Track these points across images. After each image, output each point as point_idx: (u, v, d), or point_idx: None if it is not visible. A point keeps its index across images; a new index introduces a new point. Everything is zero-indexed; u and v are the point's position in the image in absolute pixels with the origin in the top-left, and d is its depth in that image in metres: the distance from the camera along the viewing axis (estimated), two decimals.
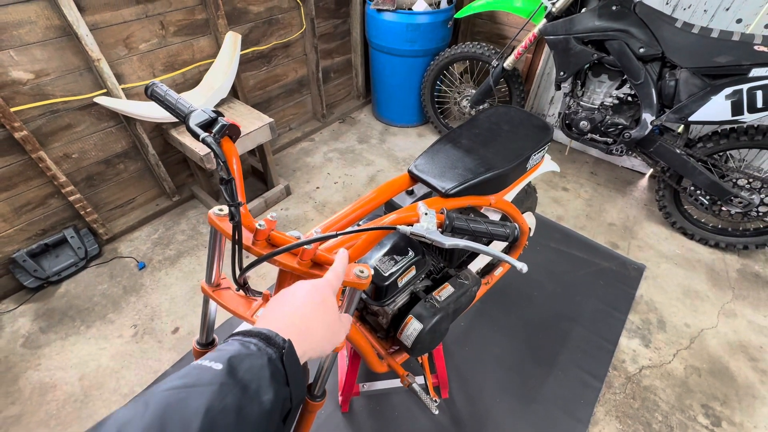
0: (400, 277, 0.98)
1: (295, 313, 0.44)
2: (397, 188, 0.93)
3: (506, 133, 1.08)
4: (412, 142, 2.99)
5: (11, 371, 1.63)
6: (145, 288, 1.96)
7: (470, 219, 0.61)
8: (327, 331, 0.46)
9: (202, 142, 0.58)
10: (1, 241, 1.82)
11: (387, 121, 3.16)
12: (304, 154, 2.84)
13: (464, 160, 0.96)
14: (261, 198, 2.34)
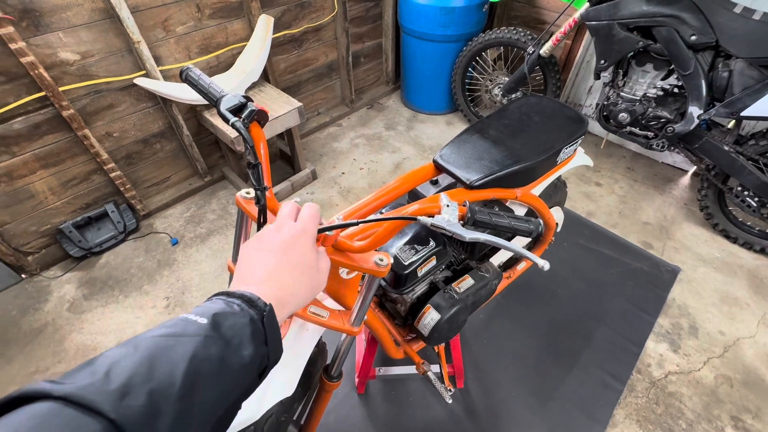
0: (420, 266, 0.98)
1: (272, 274, 0.44)
2: (421, 178, 0.92)
3: (537, 125, 1.04)
4: (440, 130, 2.94)
5: (58, 333, 1.77)
6: (177, 263, 2.06)
7: (493, 213, 0.60)
8: (306, 284, 0.47)
9: (232, 127, 0.60)
10: (50, 212, 1.95)
11: (415, 108, 3.12)
12: (332, 139, 2.86)
13: (491, 152, 0.94)
14: (288, 181, 2.38)
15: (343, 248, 0.64)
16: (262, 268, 0.45)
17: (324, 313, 0.76)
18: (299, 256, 0.47)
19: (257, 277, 0.44)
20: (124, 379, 0.28)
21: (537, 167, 0.96)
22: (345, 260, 0.64)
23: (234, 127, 0.60)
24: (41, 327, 1.79)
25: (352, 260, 0.65)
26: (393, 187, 0.87)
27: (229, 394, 0.33)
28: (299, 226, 0.50)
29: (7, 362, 1.68)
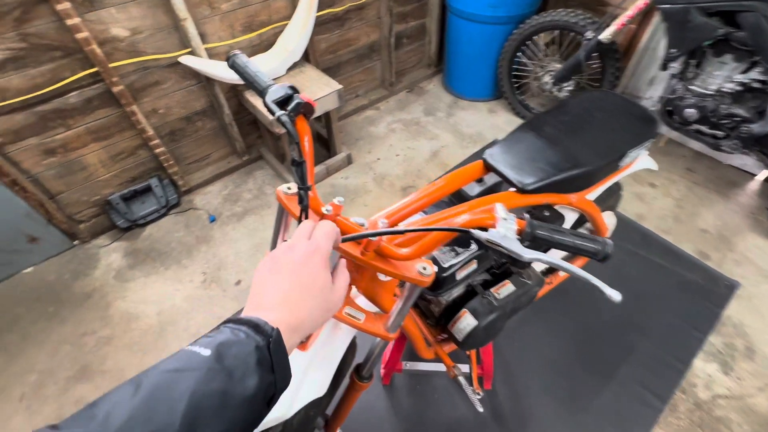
0: (459, 270, 0.94)
1: (284, 297, 0.43)
2: (468, 177, 0.86)
3: (600, 124, 0.94)
4: (482, 118, 2.81)
5: (105, 299, 1.89)
6: (214, 240, 2.12)
7: (555, 229, 0.54)
8: (320, 306, 0.45)
9: (277, 121, 0.57)
10: (100, 184, 2.05)
11: (457, 94, 2.99)
12: (369, 123, 2.81)
13: (547, 153, 0.86)
14: (323, 165, 2.37)
15: (385, 254, 0.61)
16: (273, 291, 0.43)
17: (359, 315, 0.73)
18: (311, 276, 0.45)
19: (268, 302, 0.42)
20: (123, 423, 0.28)
21: (598, 172, 0.87)
22: (387, 267, 0.61)
23: (279, 121, 0.57)
24: (90, 292, 1.91)
25: (395, 267, 0.61)
26: (438, 187, 0.82)
27: (233, 428, 0.32)
28: (311, 245, 0.48)
29: (61, 322, 1.81)
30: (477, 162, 0.89)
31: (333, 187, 2.35)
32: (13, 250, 1.91)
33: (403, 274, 0.61)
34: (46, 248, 2.00)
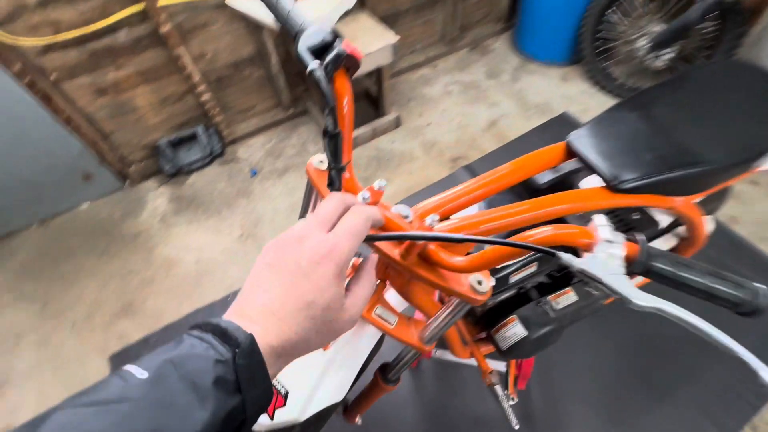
0: (515, 272, 0.79)
1: (274, 307, 0.32)
2: (546, 162, 0.69)
3: (735, 108, 0.71)
4: (552, 85, 2.47)
5: (150, 242, 1.95)
6: (253, 194, 2.09)
7: (681, 263, 0.37)
8: (318, 328, 0.33)
9: (309, 76, 0.43)
10: (149, 127, 2.06)
11: (527, 55, 2.63)
12: (423, 82, 2.57)
13: (655, 142, 0.65)
14: (369, 125, 2.22)
15: (432, 260, 0.48)
16: (263, 296, 0.32)
17: (391, 318, 0.62)
18: (315, 289, 0.33)
19: (254, 309, 0.32)
20: None
21: (723, 172, 0.66)
22: (432, 276, 0.48)
23: (312, 76, 0.43)
24: (137, 233, 1.98)
25: (442, 278, 0.48)
26: (507, 172, 0.65)
27: None
28: (327, 244, 0.34)
29: (110, 259, 1.90)
30: (558, 145, 0.71)
31: (378, 151, 2.21)
32: (70, 186, 2.00)
33: (453, 288, 0.48)
34: (99, 187, 2.08)
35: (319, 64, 0.43)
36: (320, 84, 0.42)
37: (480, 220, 0.59)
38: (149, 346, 1.61)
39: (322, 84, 0.42)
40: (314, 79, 0.43)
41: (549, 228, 0.42)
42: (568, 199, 0.63)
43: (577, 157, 0.68)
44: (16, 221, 1.99)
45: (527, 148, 0.71)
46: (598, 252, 0.38)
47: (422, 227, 0.48)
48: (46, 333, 1.69)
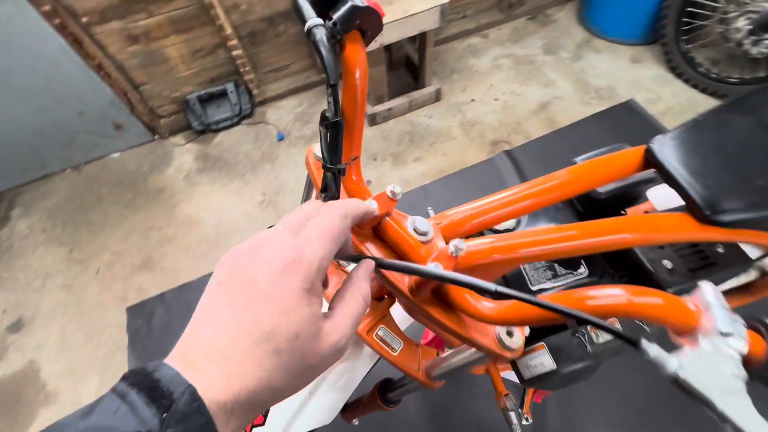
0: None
1: (222, 344, 0.23)
2: (616, 172, 0.53)
3: None
4: (620, 67, 2.16)
5: (173, 198, 1.94)
6: (279, 160, 2.02)
7: None
8: (288, 368, 0.24)
9: (307, 36, 0.31)
10: (179, 80, 1.99)
11: (594, 29, 2.31)
12: (471, 53, 2.33)
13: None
14: (406, 97, 2.05)
15: (452, 301, 0.36)
16: (209, 328, 0.24)
17: (396, 343, 0.52)
18: (276, 315, 0.23)
19: (198, 347, 0.23)
20: None
21: None
22: (446, 320, 0.37)
23: (311, 37, 0.30)
24: (161, 188, 1.97)
25: (460, 324, 0.37)
26: (564, 181, 0.51)
27: None
28: (290, 250, 0.25)
29: (135, 211, 1.91)
30: (633, 151, 0.55)
31: (412, 126, 2.05)
32: (101, 133, 2.00)
33: (474, 338, 0.37)
34: (129, 137, 2.07)
35: (322, 21, 0.31)
36: (320, 50, 0.30)
37: (518, 243, 0.46)
38: (165, 302, 1.62)
39: (322, 51, 0.30)
40: (313, 42, 0.30)
41: (623, 293, 0.29)
42: (637, 226, 0.48)
43: (658, 170, 0.52)
44: (52, 164, 2.03)
45: (580, 137, 0.56)
46: (704, 346, 0.25)
47: (443, 255, 0.36)
48: (71, 277, 1.75)
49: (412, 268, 0.32)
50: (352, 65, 0.35)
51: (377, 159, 1.95)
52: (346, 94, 0.35)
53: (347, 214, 0.29)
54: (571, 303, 0.30)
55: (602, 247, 0.48)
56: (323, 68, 0.30)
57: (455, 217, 0.49)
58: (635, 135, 1.86)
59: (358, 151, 0.38)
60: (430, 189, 1.79)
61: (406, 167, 1.91)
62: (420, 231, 0.40)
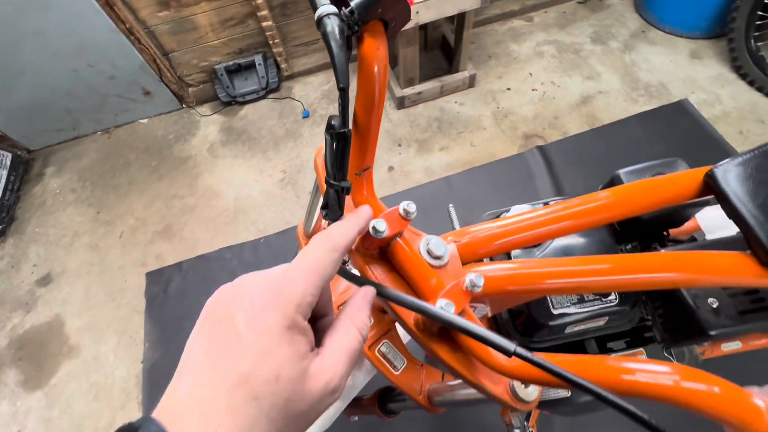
0: (575, 323, 0.60)
1: (206, 383, 0.21)
2: (672, 196, 0.46)
3: None
4: (676, 62, 1.97)
5: (196, 168, 1.95)
6: (302, 138, 1.98)
7: None
8: (274, 409, 0.21)
9: (317, 26, 0.26)
10: (208, 49, 1.97)
11: (652, 18, 2.11)
12: (512, 37, 2.18)
13: None
14: (438, 81, 1.95)
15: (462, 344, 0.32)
16: (188, 376, 0.22)
17: (398, 361, 0.49)
18: (252, 356, 0.21)
19: (178, 398, 0.21)
20: None
21: None
22: (454, 363, 0.33)
23: (320, 30, 0.26)
24: (185, 158, 1.98)
25: (470, 368, 0.33)
26: (604, 204, 0.44)
27: None
28: (268, 285, 0.23)
29: (159, 178, 1.94)
30: (690, 174, 0.47)
31: (441, 112, 1.96)
32: (131, 98, 2.01)
33: (484, 385, 0.33)
34: (157, 104, 2.08)
35: (335, 10, 0.26)
36: (329, 45, 0.25)
37: (544, 273, 0.41)
38: (182, 271, 1.66)
39: (332, 46, 0.25)
40: (323, 34, 0.26)
41: (671, 373, 0.24)
42: (687, 265, 0.41)
43: (720, 201, 0.45)
44: (84, 126, 2.07)
45: (622, 138, 0.49)
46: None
47: (456, 291, 0.31)
48: (97, 237, 1.81)
49: (416, 304, 0.28)
50: (369, 61, 0.29)
51: (402, 145, 1.88)
52: (361, 95, 0.30)
53: (336, 247, 0.26)
54: (604, 374, 0.25)
55: (643, 286, 0.42)
56: (333, 67, 0.25)
57: (478, 235, 0.44)
58: (684, 140, 1.71)
59: (371, 161, 0.33)
60: (454, 181, 1.72)
61: (431, 155, 1.83)
62: (434, 254, 0.36)
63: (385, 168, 1.82)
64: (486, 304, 0.50)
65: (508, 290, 0.39)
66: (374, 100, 0.30)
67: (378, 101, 0.31)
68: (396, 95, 1.94)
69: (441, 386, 0.47)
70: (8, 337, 1.59)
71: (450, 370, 0.33)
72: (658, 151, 1.68)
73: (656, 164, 0.66)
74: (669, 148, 1.68)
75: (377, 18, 0.28)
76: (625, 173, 0.66)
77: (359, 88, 0.30)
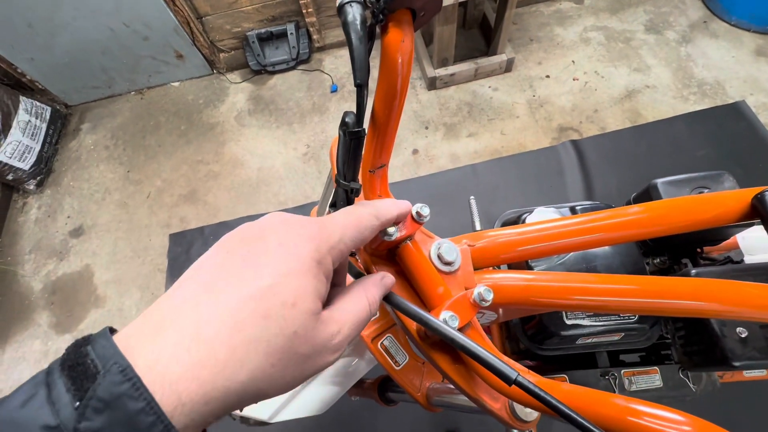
0: (588, 336, 0.58)
1: (210, 292, 0.19)
2: (714, 217, 0.42)
3: None
4: (737, 59, 1.80)
5: (223, 136, 1.97)
6: (329, 112, 1.96)
7: None
8: (281, 337, 0.19)
9: (338, 13, 0.24)
10: (242, 15, 1.94)
11: (718, 8, 1.92)
12: (557, 20, 2.04)
13: None
14: (473, 63, 1.86)
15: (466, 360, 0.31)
16: (183, 288, 0.20)
17: (400, 356, 0.48)
18: (272, 271, 0.20)
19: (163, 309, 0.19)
20: None
21: None
22: (454, 375, 0.32)
23: (341, 18, 0.24)
24: (213, 124, 2.00)
25: (469, 381, 0.32)
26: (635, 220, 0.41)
27: None
28: (310, 220, 0.23)
29: (187, 143, 1.98)
30: (739, 194, 0.43)
31: (473, 97, 1.88)
32: (164, 61, 2.03)
33: (483, 400, 0.32)
34: (189, 68, 2.09)
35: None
36: (349, 36, 0.23)
37: (561, 288, 0.39)
38: (203, 236, 1.71)
39: (352, 37, 0.23)
40: (343, 23, 0.24)
41: (685, 423, 0.22)
42: (718, 295, 0.38)
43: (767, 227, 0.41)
44: (119, 85, 2.12)
45: (665, 139, 0.45)
46: None
47: (463, 304, 0.30)
48: (127, 196, 1.88)
49: (419, 315, 0.27)
50: (393, 53, 0.27)
51: (429, 127, 1.83)
52: (381, 88, 0.28)
53: (378, 215, 0.26)
54: (609, 413, 0.24)
55: (667, 312, 0.39)
56: (351, 60, 0.23)
57: (495, 240, 0.42)
58: (735, 146, 1.58)
59: (386, 158, 0.32)
60: (480, 170, 1.67)
61: (458, 141, 1.78)
62: (445, 260, 0.34)
63: (409, 150, 1.78)
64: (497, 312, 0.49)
65: (520, 303, 0.37)
66: (395, 94, 0.28)
67: (399, 96, 0.28)
68: (428, 75, 1.87)
69: (440, 387, 0.47)
70: (43, 282, 1.70)
71: (449, 380, 0.32)
72: (703, 156, 1.56)
73: (699, 176, 0.61)
74: (716, 154, 1.56)
75: (405, 6, 0.26)
76: (662, 184, 0.61)
77: (380, 80, 0.28)
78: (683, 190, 0.61)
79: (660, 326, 0.62)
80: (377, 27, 0.26)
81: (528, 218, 0.61)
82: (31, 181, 1.88)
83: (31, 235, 1.81)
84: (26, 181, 1.87)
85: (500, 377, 0.23)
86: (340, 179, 0.27)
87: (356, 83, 0.23)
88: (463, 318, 0.29)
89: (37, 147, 1.89)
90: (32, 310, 1.64)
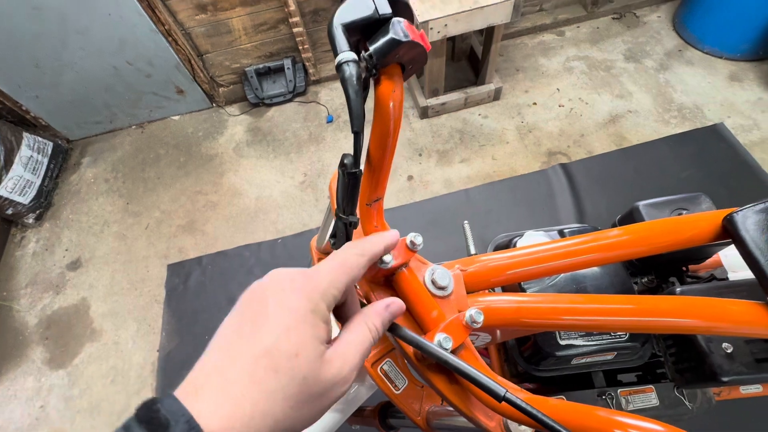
0: (582, 356, 0.60)
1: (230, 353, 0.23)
2: (688, 238, 0.45)
3: None
4: (714, 84, 1.90)
5: (221, 167, 2.01)
6: (324, 142, 2.02)
7: None
8: (292, 385, 0.22)
9: (337, 71, 0.27)
10: (241, 52, 2.03)
11: (690, 37, 2.04)
12: (541, 51, 2.15)
13: None
14: (463, 92, 1.95)
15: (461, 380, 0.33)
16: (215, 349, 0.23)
17: (400, 380, 0.49)
18: (276, 330, 0.23)
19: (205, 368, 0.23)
20: None
21: None
22: (449, 394, 0.33)
23: (339, 75, 0.27)
24: (212, 156, 2.05)
25: (464, 400, 0.33)
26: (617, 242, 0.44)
27: None
28: (301, 272, 0.26)
29: (185, 174, 2.02)
30: (710, 216, 0.46)
31: (464, 124, 1.95)
32: (165, 96, 2.10)
33: (477, 418, 0.34)
34: (189, 102, 2.16)
35: (355, 57, 0.27)
36: (347, 91, 0.27)
37: (550, 309, 0.41)
38: (201, 266, 1.72)
39: (349, 92, 0.26)
40: (341, 80, 0.27)
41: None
42: (704, 312, 0.41)
43: (738, 247, 0.44)
44: (120, 120, 2.18)
45: (649, 160, 0.48)
46: None
47: (456, 326, 0.32)
48: (125, 227, 1.89)
49: (414, 339, 0.29)
50: (385, 102, 0.31)
51: (422, 154, 1.89)
52: (376, 132, 0.32)
53: (364, 252, 0.28)
54: (596, 426, 0.26)
55: (654, 330, 0.42)
56: (348, 111, 0.27)
57: (486, 264, 0.44)
58: (716, 166, 1.64)
59: (381, 192, 0.35)
60: (473, 194, 1.71)
61: (451, 167, 1.83)
62: (438, 285, 0.37)
63: (404, 177, 1.83)
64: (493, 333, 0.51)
65: (511, 324, 0.40)
66: (388, 137, 0.32)
67: (392, 138, 0.32)
68: (420, 105, 1.95)
69: (439, 410, 0.48)
70: (38, 316, 1.68)
71: (446, 401, 0.34)
72: (687, 177, 1.62)
73: (678, 199, 0.65)
74: (699, 174, 1.62)
75: (395, 62, 0.30)
76: (644, 206, 0.65)
77: (374, 125, 0.31)
78: (663, 212, 0.65)
79: (651, 344, 0.64)
80: (371, 80, 0.29)
81: (519, 242, 0.64)
82: (31, 215, 1.90)
83: (28, 269, 1.81)
84: (25, 215, 1.88)
85: (490, 394, 0.25)
86: (340, 213, 0.29)
87: (353, 130, 0.27)
88: (457, 339, 0.31)
89: (38, 181, 1.91)
90: (26, 345, 1.62)
